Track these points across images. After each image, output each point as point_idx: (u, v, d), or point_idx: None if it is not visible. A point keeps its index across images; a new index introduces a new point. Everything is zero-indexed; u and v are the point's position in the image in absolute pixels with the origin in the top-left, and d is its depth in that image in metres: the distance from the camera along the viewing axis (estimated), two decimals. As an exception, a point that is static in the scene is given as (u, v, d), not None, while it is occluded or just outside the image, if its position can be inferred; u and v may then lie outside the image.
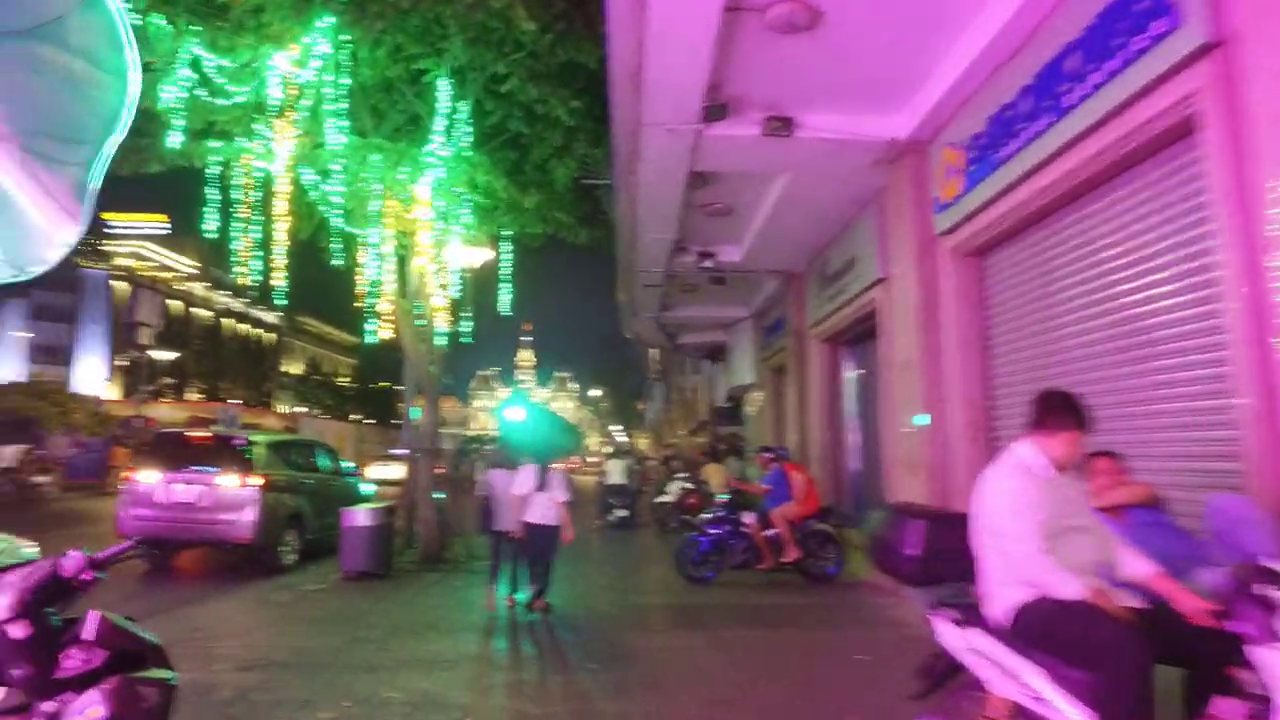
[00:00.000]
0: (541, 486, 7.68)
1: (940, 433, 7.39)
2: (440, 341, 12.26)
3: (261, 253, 11.47)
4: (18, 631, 2.30)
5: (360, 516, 9.63)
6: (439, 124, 10.45)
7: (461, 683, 5.44)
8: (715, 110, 7.34)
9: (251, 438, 9.84)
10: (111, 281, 69.13)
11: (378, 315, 11.76)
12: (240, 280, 12.05)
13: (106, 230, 76.60)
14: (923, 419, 8.09)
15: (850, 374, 12.30)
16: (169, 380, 55.38)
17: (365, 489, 13.22)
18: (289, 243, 13.04)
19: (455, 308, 13.12)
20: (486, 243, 13.03)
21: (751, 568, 9.57)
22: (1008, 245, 6.76)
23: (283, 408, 75.18)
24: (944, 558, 3.36)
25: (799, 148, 8.10)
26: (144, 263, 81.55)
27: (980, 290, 7.25)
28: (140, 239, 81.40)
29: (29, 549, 5.96)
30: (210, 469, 9.30)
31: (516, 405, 38.89)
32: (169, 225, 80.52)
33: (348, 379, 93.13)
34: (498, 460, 8.87)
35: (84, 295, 68.23)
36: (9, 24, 3.10)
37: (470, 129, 10.97)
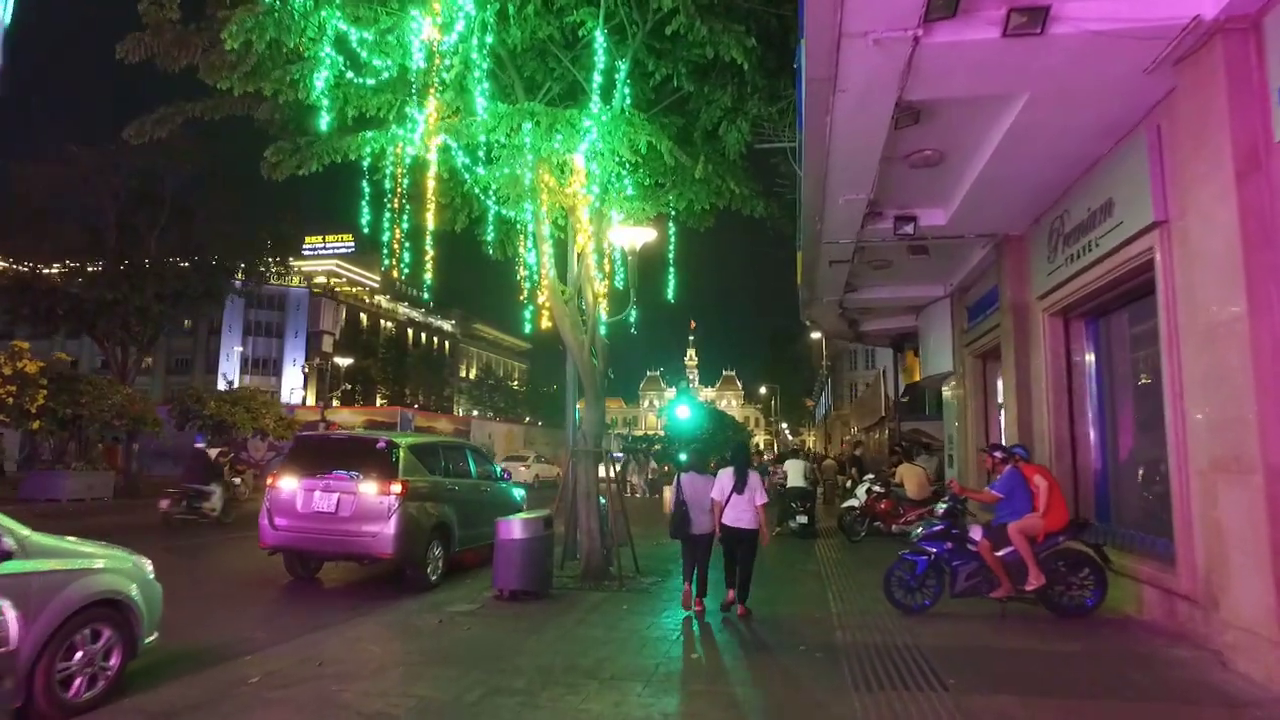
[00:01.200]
0: (739, 489, 7.74)
1: (1288, 422, 5.22)
2: (602, 331, 11.07)
3: (408, 243, 10.66)
4: None
5: (516, 529, 8.54)
6: (596, 82, 9.28)
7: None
8: (945, 2, 5.58)
9: (393, 440, 8.99)
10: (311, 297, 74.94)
11: (534, 302, 10.75)
12: (391, 272, 11.38)
13: (305, 252, 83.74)
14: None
15: (1090, 353, 9.97)
16: (349, 386, 58.70)
17: (517, 494, 12.22)
18: (447, 234, 12.37)
19: (617, 294, 11.92)
20: (649, 222, 11.73)
21: (980, 596, 7.65)
22: None
23: (460, 410, 78.56)
24: None
25: (1049, 52, 6.15)
26: (337, 279, 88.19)
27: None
28: (332, 258, 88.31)
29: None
30: (348, 476, 8.48)
31: (682, 404, 37.86)
32: (353, 244, 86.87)
33: (516, 382, 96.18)
34: (690, 464, 8.58)
35: (288, 311, 74.41)
36: None
37: (631, 90, 9.74)
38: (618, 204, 10.69)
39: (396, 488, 8.37)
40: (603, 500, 10.56)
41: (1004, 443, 11.20)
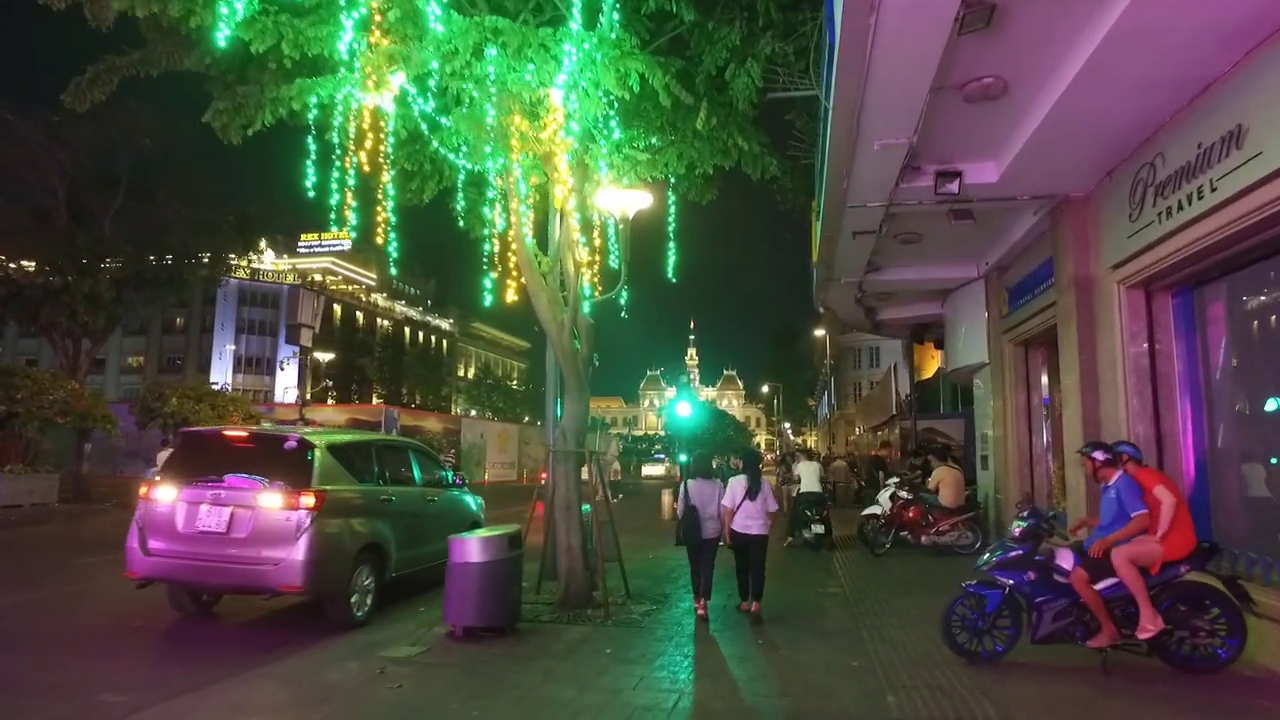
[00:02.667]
0: (751, 495, 7.80)
1: None
2: (586, 310, 9.30)
3: (356, 203, 8.80)
4: None
5: (472, 549, 6.80)
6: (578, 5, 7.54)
7: None
8: None
9: (308, 437, 7.08)
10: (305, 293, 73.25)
11: (497, 266, 8.98)
12: (340, 236, 9.54)
13: (300, 249, 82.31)
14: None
15: (1181, 332, 8.19)
16: (328, 382, 56.90)
17: (473, 504, 10.37)
18: (434, 224, 10.65)
19: (610, 272, 10.14)
20: (644, 186, 9.93)
21: (1073, 643, 5.85)
22: None
23: (459, 410, 76.97)
24: None
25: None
26: (332, 276, 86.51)
27: None
28: (328, 255, 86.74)
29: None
30: (246, 484, 6.62)
31: (682, 401, 36.05)
32: (349, 241, 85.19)
33: (515, 382, 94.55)
34: (694, 470, 8.37)
35: (282, 309, 72.75)
36: None
37: (620, 19, 7.98)
38: (606, 154, 8.89)
39: (308, 500, 6.47)
40: (586, 508, 8.83)
41: (1056, 443, 9.44)
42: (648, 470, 53.12)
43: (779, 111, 11.59)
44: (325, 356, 35.39)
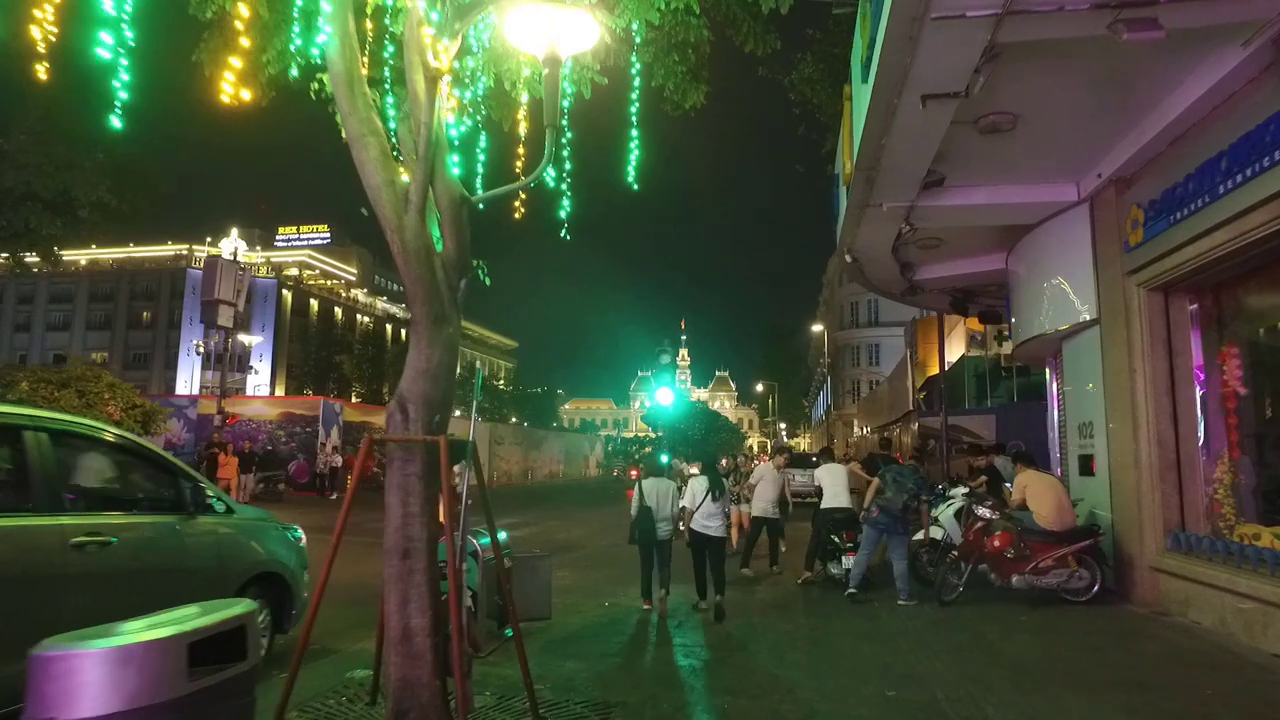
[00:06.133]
0: (713, 496, 7.95)
1: None
2: (455, 171, 4.95)
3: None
4: None
5: (85, 679, 2.55)
6: None
7: None
8: None
9: None
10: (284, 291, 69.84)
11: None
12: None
13: (278, 243, 78.48)
14: None
15: None
16: (254, 369, 52.14)
17: (271, 542, 5.90)
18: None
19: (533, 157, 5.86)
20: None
21: None
22: None
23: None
24: None
25: None
26: (310, 270, 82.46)
27: None
28: (305, 248, 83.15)
29: None
30: None
31: (664, 389, 31.80)
32: (329, 235, 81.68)
33: (502, 381, 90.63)
34: (648, 470, 8.46)
35: (254, 303, 68.95)
36: None
37: None
38: None
39: None
40: (484, 539, 4.59)
41: (1230, 438, 5.22)
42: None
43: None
44: (251, 339, 31.01)
